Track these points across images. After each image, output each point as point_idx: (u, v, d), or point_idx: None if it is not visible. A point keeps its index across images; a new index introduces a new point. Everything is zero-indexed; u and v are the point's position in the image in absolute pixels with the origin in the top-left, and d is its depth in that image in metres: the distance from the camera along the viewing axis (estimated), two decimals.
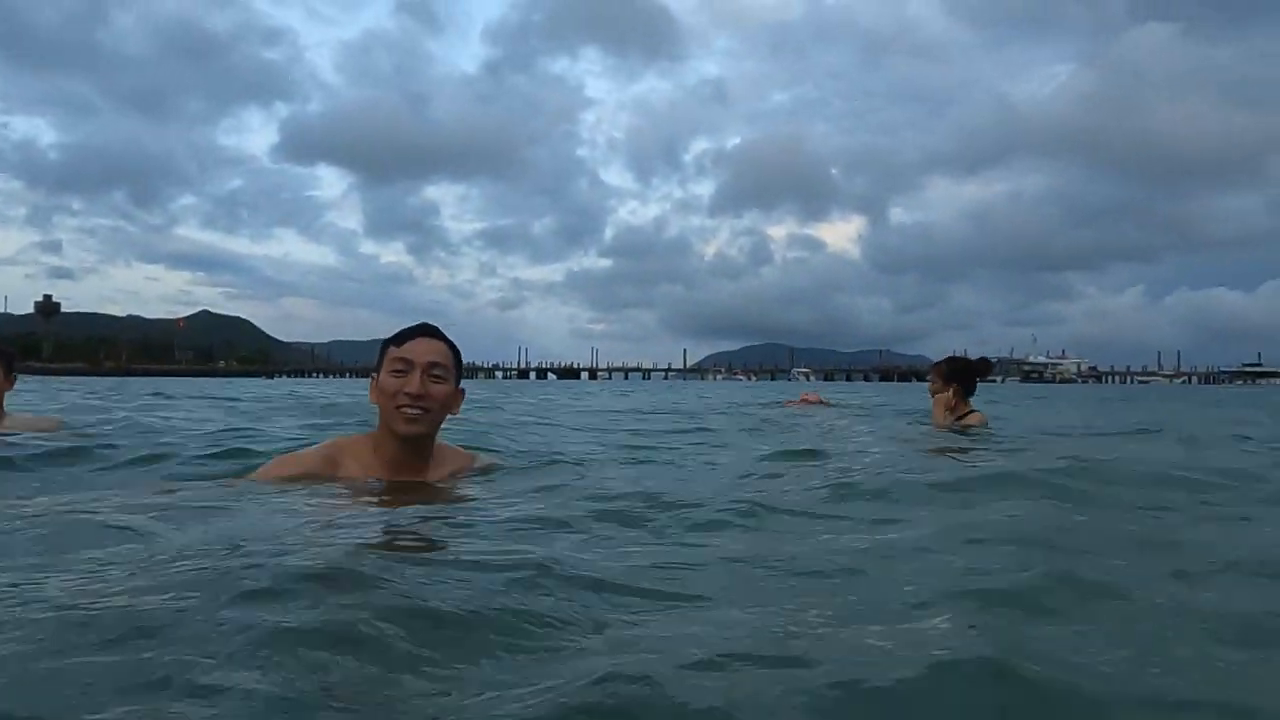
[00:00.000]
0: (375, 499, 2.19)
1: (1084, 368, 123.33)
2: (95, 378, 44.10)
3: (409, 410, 2.27)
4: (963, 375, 4.95)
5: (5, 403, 3.72)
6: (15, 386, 3.76)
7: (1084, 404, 15.67)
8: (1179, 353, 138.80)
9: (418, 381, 2.25)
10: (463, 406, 2.44)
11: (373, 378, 2.38)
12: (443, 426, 2.43)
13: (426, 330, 2.37)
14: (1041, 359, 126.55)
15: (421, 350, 2.30)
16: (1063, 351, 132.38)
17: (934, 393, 5.05)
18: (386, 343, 2.36)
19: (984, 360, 5.33)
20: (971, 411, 4.93)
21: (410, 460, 2.37)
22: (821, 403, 8.94)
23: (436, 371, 2.30)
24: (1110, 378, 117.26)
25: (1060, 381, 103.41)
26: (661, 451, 4.17)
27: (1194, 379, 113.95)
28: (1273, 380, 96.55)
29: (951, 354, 5.52)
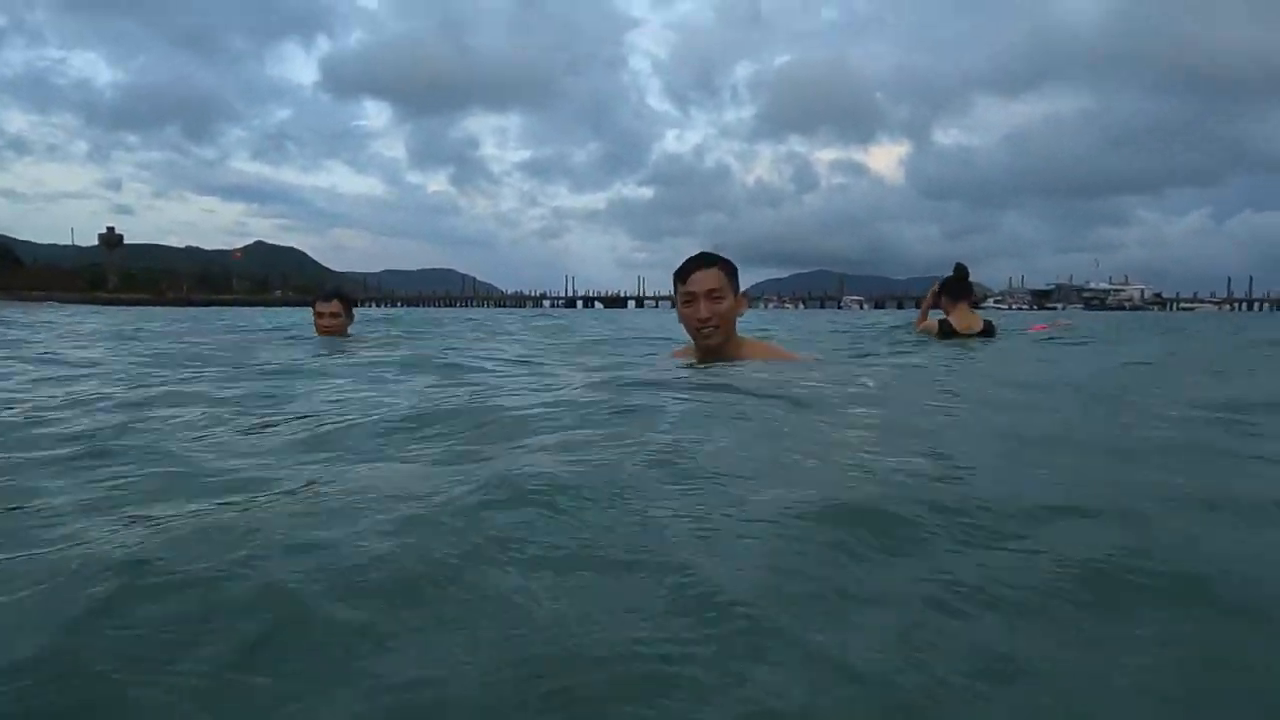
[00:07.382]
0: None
1: (1148, 294, 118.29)
2: (161, 307, 45.50)
3: (703, 330, 2.89)
4: (946, 282, 5.90)
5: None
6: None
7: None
8: (1251, 278, 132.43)
9: (703, 308, 2.85)
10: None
11: (676, 306, 2.99)
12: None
13: (701, 262, 2.89)
14: (1103, 285, 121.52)
15: (699, 280, 2.86)
16: (1125, 278, 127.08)
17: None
18: (676, 278, 2.93)
19: (959, 266, 6.02)
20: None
21: (718, 360, 2.96)
22: (1065, 325, 8.26)
23: (715, 294, 2.85)
24: (1173, 305, 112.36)
25: (1131, 309, 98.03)
26: None
27: (1267, 306, 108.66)
28: None
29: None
